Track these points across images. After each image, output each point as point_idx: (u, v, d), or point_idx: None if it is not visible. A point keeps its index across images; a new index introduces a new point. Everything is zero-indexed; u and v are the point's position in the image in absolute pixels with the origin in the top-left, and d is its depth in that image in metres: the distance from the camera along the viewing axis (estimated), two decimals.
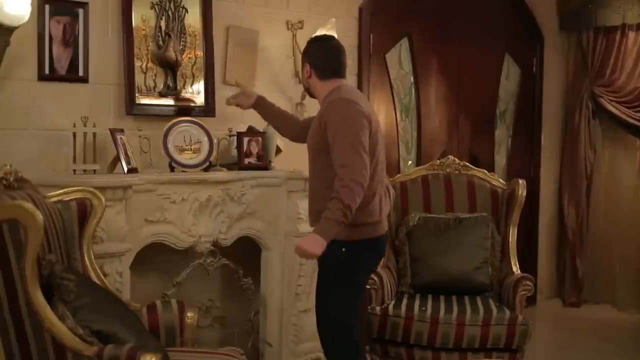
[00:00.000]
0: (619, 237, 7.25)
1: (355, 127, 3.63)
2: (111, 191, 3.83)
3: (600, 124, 7.30)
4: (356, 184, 3.52)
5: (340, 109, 3.69)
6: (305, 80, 3.98)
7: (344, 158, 3.57)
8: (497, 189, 4.98)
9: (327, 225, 3.53)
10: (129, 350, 2.85)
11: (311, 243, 3.55)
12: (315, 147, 3.79)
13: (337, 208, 3.49)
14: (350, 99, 3.73)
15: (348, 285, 3.81)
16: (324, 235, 3.53)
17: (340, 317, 3.81)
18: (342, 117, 3.65)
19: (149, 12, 4.47)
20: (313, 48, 3.95)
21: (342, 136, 3.60)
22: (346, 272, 3.76)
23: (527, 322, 4.33)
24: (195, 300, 4.54)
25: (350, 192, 3.50)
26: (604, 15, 7.03)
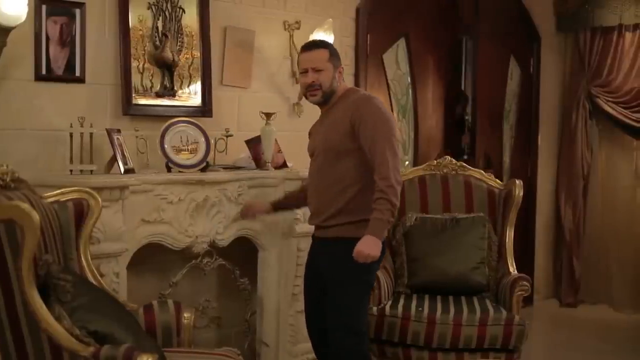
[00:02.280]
0: (615, 238, 7.25)
1: (391, 126, 3.77)
2: (108, 191, 3.83)
3: (597, 125, 7.31)
4: (398, 183, 3.66)
5: (375, 108, 3.78)
6: (336, 83, 3.88)
7: (386, 157, 3.66)
8: (494, 189, 4.98)
9: (380, 225, 3.65)
10: (126, 350, 2.84)
11: (371, 245, 3.63)
12: (340, 149, 3.79)
13: (386, 208, 3.61)
14: (376, 97, 3.88)
15: (363, 284, 3.89)
16: (378, 235, 3.65)
17: (358, 314, 3.87)
18: (379, 116, 3.75)
19: (146, 12, 4.47)
20: (334, 49, 3.96)
21: (382, 135, 3.68)
22: (363, 270, 3.77)
23: (524, 323, 4.33)
24: (191, 301, 4.54)
25: (395, 191, 3.64)
26: (600, 15, 7.04)
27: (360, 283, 3.85)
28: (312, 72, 3.82)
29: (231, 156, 4.72)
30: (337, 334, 3.84)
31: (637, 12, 6.87)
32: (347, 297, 3.82)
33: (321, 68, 3.82)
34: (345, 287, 3.81)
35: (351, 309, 3.84)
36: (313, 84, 3.83)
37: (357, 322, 3.87)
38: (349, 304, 3.83)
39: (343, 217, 3.79)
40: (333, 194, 3.81)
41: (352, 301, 3.84)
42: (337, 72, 3.87)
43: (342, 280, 3.80)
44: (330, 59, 3.86)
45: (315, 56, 3.85)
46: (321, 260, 3.92)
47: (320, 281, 3.93)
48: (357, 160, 3.75)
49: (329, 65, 3.84)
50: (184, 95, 4.63)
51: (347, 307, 3.82)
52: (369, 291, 4.00)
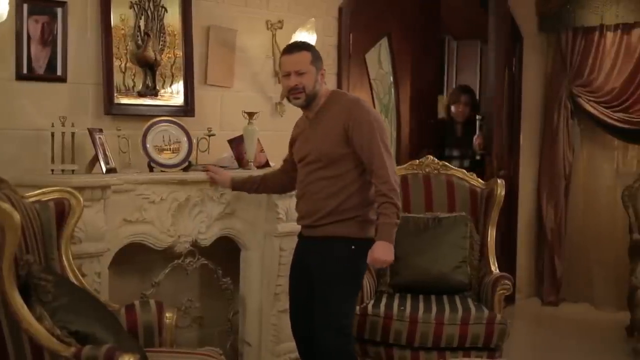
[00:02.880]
0: (597, 237, 7.28)
1: (384, 128, 3.84)
2: (89, 191, 3.83)
3: (578, 124, 7.33)
4: (398, 185, 3.75)
5: (368, 112, 3.82)
6: (318, 85, 3.87)
7: (384, 161, 3.72)
8: (476, 189, 5.00)
9: (390, 229, 3.72)
10: (107, 350, 2.84)
11: (385, 251, 3.70)
12: (334, 154, 3.80)
13: (392, 212, 3.70)
14: (364, 100, 3.97)
15: (355, 285, 3.94)
16: (389, 240, 3.72)
17: (348, 315, 3.91)
18: (373, 120, 3.79)
19: (128, 11, 4.46)
20: (317, 52, 3.96)
21: (377, 139, 3.74)
22: (355, 271, 3.84)
23: (506, 321, 4.35)
24: (174, 301, 4.54)
25: (397, 194, 3.72)
26: (582, 15, 7.06)
27: (350, 283, 3.87)
28: (295, 75, 3.81)
29: (214, 156, 4.71)
30: (325, 333, 3.83)
31: (618, 13, 6.89)
32: (336, 296, 3.83)
33: (304, 71, 3.81)
34: (334, 286, 3.82)
35: (340, 309, 3.85)
36: (296, 87, 3.81)
37: (346, 322, 3.88)
38: (338, 304, 3.84)
39: (334, 216, 3.80)
40: (326, 197, 3.81)
41: (342, 301, 3.85)
42: (320, 75, 3.86)
43: (332, 280, 3.81)
44: (313, 61, 3.84)
45: (297, 59, 3.84)
46: (311, 259, 3.92)
47: (309, 280, 3.92)
48: (352, 164, 3.78)
49: (312, 68, 3.83)
50: (166, 94, 4.63)
51: (336, 306, 3.83)
52: (357, 291, 4.02)
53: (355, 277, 3.90)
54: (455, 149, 6.39)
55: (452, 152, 6.35)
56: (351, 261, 3.75)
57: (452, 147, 6.41)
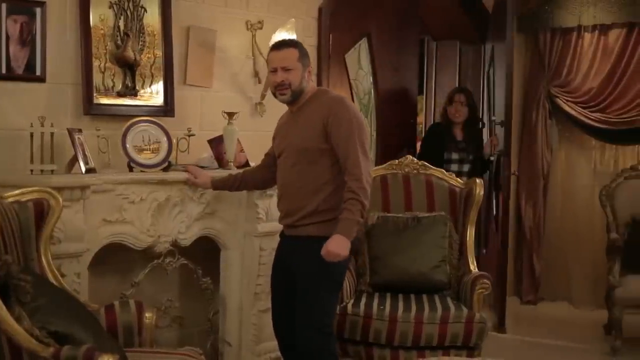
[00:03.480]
0: (575, 236, 7.35)
1: (364, 128, 3.83)
2: (69, 191, 3.81)
3: (557, 124, 7.38)
4: (369, 185, 3.72)
5: (348, 110, 3.81)
6: (305, 82, 3.90)
7: (358, 159, 3.71)
8: (455, 189, 5.02)
9: (349, 225, 3.68)
10: (86, 351, 2.84)
11: (340, 245, 3.67)
12: (312, 150, 3.81)
13: (357, 209, 3.66)
14: (348, 99, 4.03)
15: (335, 283, 3.93)
16: (347, 235, 3.68)
17: (329, 314, 3.92)
18: (352, 118, 3.78)
19: (108, 11, 4.44)
20: (304, 49, 3.98)
21: (354, 137, 3.73)
22: (335, 270, 3.82)
23: (485, 320, 4.38)
24: (154, 301, 4.52)
25: (366, 192, 3.69)
26: (560, 16, 7.13)
27: (331, 282, 3.88)
28: (282, 71, 3.84)
29: (194, 156, 4.71)
30: (306, 332, 3.85)
31: (596, 14, 6.97)
32: (317, 296, 3.85)
33: (291, 67, 3.84)
34: (316, 286, 3.83)
35: (321, 308, 3.86)
36: (282, 83, 3.85)
37: (327, 322, 3.89)
38: (319, 303, 3.85)
39: (316, 217, 3.81)
40: (306, 194, 3.82)
41: (323, 300, 3.86)
42: (307, 72, 3.89)
43: (313, 279, 3.82)
44: (300, 58, 3.88)
45: (285, 55, 3.87)
46: (293, 258, 3.93)
47: (290, 280, 3.94)
48: (330, 160, 3.79)
49: (299, 65, 3.86)
50: (146, 94, 4.62)
51: (317, 306, 3.85)
52: (338, 291, 4.03)
53: (336, 276, 3.90)
54: (454, 152, 6.12)
55: (451, 155, 6.09)
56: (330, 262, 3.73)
57: (451, 150, 6.11)
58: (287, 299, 3.95)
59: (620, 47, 6.95)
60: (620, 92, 6.95)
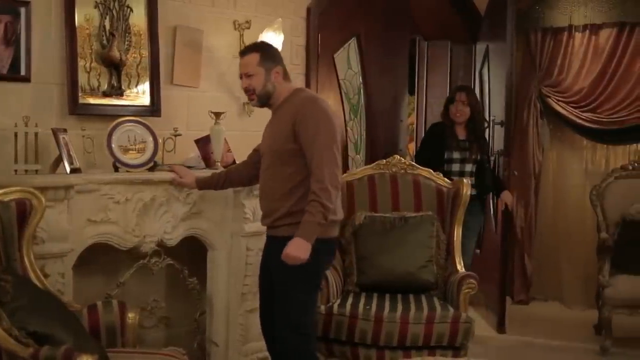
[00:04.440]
0: (566, 236, 7.35)
1: (332, 128, 3.74)
2: (52, 191, 3.81)
3: (548, 124, 7.38)
4: (333, 186, 3.64)
5: (317, 110, 3.76)
6: (272, 85, 3.89)
7: (323, 160, 3.66)
8: (442, 188, 5.02)
9: (310, 228, 3.64)
10: (65, 351, 2.84)
11: (299, 248, 3.64)
12: (283, 151, 3.80)
13: (318, 211, 3.61)
14: (322, 99, 3.87)
15: (311, 284, 3.89)
16: (307, 238, 3.64)
17: (305, 314, 3.88)
18: (320, 118, 3.73)
19: (93, 11, 4.44)
20: (274, 51, 3.98)
21: (321, 137, 3.68)
22: (310, 270, 3.78)
23: (471, 320, 4.37)
24: (140, 301, 4.54)
25: (328, 194, 3.62)
26: (551, 16, 7.13)
27: (307, 283, 3.85)
28: (245, 78, 3.88)
29: (180, 156, 4.71)
30: (284, 332, 3.86)
31: (587, 13, 6.97)
32: (293, 296, 3.84)
33: (252, 73, 3.86)
34: (291, 286, 3.82)
35: (298, 309, 3.84)
36: (247, 89, 3.89)
37: (304, 322, 3.87)
38: (295, 304, 3.84)
39: (290, 218, 3.78)
40: (281, 195, 3.81)
41: (299, 301, 3.84)
42: (273, 74, 3.87)
43: (289, 280, 3.81)
44: (261, 62, 3.86)
45: (246, 61, 3.90)
46: (271, 259, 3.92)
47: (271, 280, 3.95)
48: (302, 161, 3.75)
49: (260, 69, 3.85)
50: (132, 94, 4.61)
51: (293, 306, 3.84)
52: (316, 291, 3.99)
53: (313, 276, 3.87)
54: (455, 151, 5.83)
55: (452, 155, 5.83)
56: (309, 260, 3.70)
57: (452, 149, 5.83)
58: (271, 299, 3.95)
59: (611, 47, 6.95)
60: (611, 92, 6.95)
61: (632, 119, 6.86)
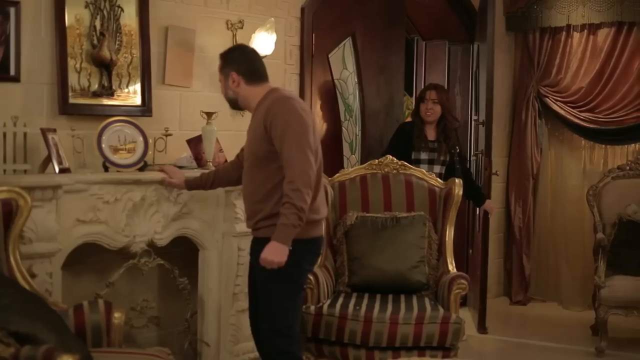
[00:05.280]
0: (564, 236, 7.34)
1: (302, 127, 3.70)
2: (40, 191, 3.81)
3: (546, 124, 7.40)
4: (305, 185, 3.60)
5: (286, 109, 3.72)
6: (232, 91, 3.93)
7: (293, 159, 3.62)
8: (434, 188, 5.01)
9: (285, 231, 3.61)
10: (45, 351, 2.83)
11: (275, 252, 3.62)
12: (259, 153, 3.78)
13: (291, 212, 3.57)
14: (293, 98, 3.82)
15: (292, 285, 3.85)
16: (283, 241, 3.61)
17: (285, 316, 3.85)
18: (289, 117, 3.69)
19: (84, 11, 4.43)
20: (234, 55, 3.98)
21: (290, 136, 3.64)
22: (291, 271, 3.75)
23: (461, 321, 4.35)
24: (130, 301, 4.54)
25: (301, 194, 3.58)
26: (549, 16, 7.12)
27: (289, 284, 3.83)
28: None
29: (171, 155, 4.70)
30: (266, 334, 3.86)
31: (584, 13, 6.96)
32: (274, 297, 3.83)
33: (219, 80, 4.01)
34: (272, 287, 3.81)
35: (279, 310, 3.83)
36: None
37: (285, 324, 3.85)
38: (276, 305, 3.83)
39: (270, 220, 3.75)
40: (261, 197, 3.79)
41: (280, 302, 3.83)
42: (230, 80, 3.92)
43: (270, 281, 3.80)
44: (221, 69, 3.97)
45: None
46: (254, 260, 3.91)
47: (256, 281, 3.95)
48: (276, 164, 3.72)
49: (221, 77, 3.97)
50: (123, 94, 4.60)
51: (274, 307, 3.83)
52: (299, 292, 3.94)
53: (294, 277, 3.84)
54: (423, 152, 5.74)
55: (420, 156, 5.72)
56: (289, 262, 3.67)
57: (420, 150, 5.73)
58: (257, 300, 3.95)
59: (609, 46, 6.94)
60: (609, 92, 6.95)
61: (630, 119, 6.86)
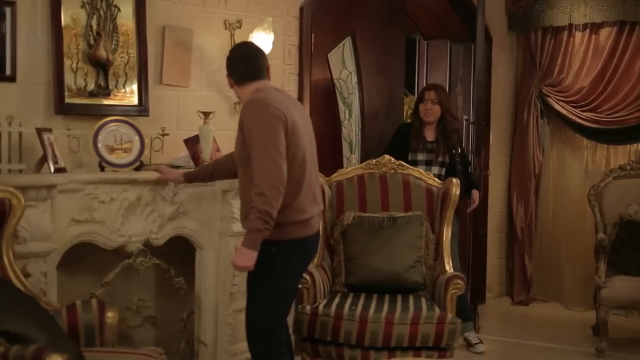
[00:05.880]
0: (566, 236, 7.32)
1: (267, 129, 3.63)
2: (34, 191, 3.81)
3: (548, 123, 7.39)
4: (270, 188, 3.54)
5: (252, 112, 3.68)
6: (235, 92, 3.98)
7: (257, 163, 3.59)
8: (432, 188, 5.00)
9: (250, 236, 3.60)
10: (34, 350, 2.84)
11: (241, 257, 3.63)
12: (243, 154, 3.76)
13: (256, 217, 3.54)
14: (262, 100, 3.71)
15: (273, 287, 3.81)
16: (250, 246, 3.60)
17: (262, 318, 3.82)
18: (255, 120, 3.65)
19: (80, 11, 4.43)
20: (228, 57, 3.98)
21: (255, 139, 3.61)
22: (273, 273, 3.75)
23: (456, 321, 4.34)
24: (126, 300, 4.55)
25: (265, 198, 3.53)
26: (551, 15, 7.10)
27: (270, 286, 3.79)
28: None
29: (168, 155, 4.70)
30: (248, 335, 3.86)
31: (586, 12, 6.93)
32: (255, 299, 3.82)
33: None
34: (254, 288, 3.81)
35: (258, 313, 3.81)
36: None
37: (264, 326, 3.82)
38: (256, 307, 3.82)
39: None
40: (247, 200, 3.76)
41: (260, 304, 3.81)
42: (228, 81, 3.95)
43: (252, 282, 3.81)
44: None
45: None
46: None
47: None
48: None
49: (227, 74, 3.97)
50: (119, 94, 4.59)
51: (255, 309, 3.82)
52: (283, 295, 3.88)
53: (277, 279, 3.79)
54: (420, 153, 5.65)
55: (417, 157, 5.65)
56: (267, 264, 3.68)
57: (417, 151, 5.65)
58: None
59: (611, 45, 6.92)
60: (611, 92, 6.93)
61: (631, 119, 6.84)
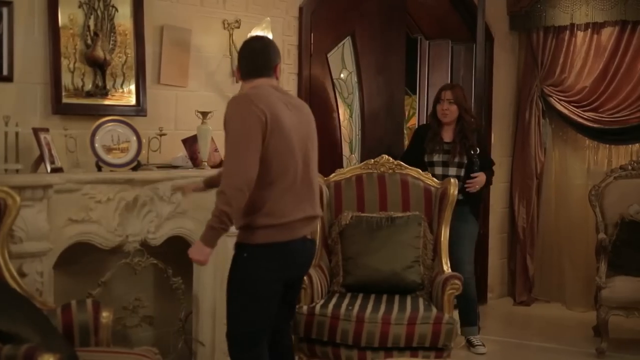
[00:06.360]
0: (568, 236, 7.29)
1: (241, 127, 3.49)
2: (30, 191, 3.82)
3: (550, 123, 7.36)
4: (232, 188, 3.42)
5: (231, 108, 3.56)
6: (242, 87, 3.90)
7: (225, 161, 3.55)
8: (430, 188, 4.99)
9: (206, 232, 3.54)
10: (26, 350, 2.84)
11: (196, 251, 3.58)
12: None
13: (214, 215, 3.47)
14: (245, 97, 3.59)
15: (245, 293, 3.65)
16: (205, 242, 3.54)
17: (235, 324, 3.71)
18: (232, 117, 3.54)
19: (77, 11, 4.43)
20: (239, 50, 3.89)
21: (228, 137, 3.53)
22: (245, 279, 3.65)
23: (453, 321, 4.33)
24: (123, 300, 4.55)
25: (224, 197, 3.43)
26: (552, 15, 7.08)
27: (240, 291, 3.65)
28: None
29: (167, 155, 4.70)
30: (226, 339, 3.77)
31: (588, 12, 6.91)
32: (229, 304, 3.73)
33: None
34: (229, 293, 3.73)
35: (233, 317, 3.71)
36: None
37: (238, 331, 3.69)
38: (229, 311, 3.73)
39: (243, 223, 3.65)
40: None
41: (232, 309, 3.71)
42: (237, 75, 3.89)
43: (227, 287, 3.74)
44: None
45: None
46: None
47: None
48: None
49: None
50: (117, 94, 4.60)
51: (229, 314, 3.73)
52: (255, 301, 3.65)
53: (246, 285, 3.65)
54: (436, 154, 5.61)
55: (433, 158, 5.62)
56: (241, 268, 3.62)
57: (434, 152, 5.62)
58: None
59: (613, 45, 6.89)
60: (613, 91, 6.90)
61: (633, 119, 6.81)
